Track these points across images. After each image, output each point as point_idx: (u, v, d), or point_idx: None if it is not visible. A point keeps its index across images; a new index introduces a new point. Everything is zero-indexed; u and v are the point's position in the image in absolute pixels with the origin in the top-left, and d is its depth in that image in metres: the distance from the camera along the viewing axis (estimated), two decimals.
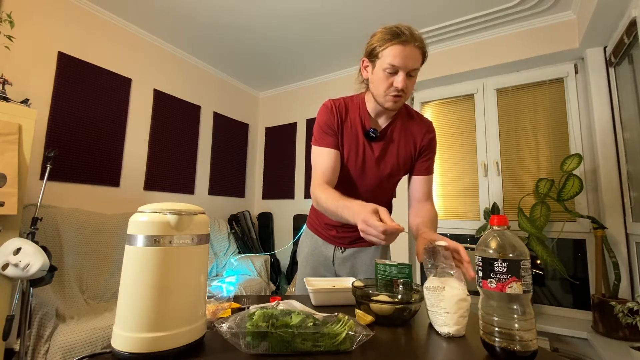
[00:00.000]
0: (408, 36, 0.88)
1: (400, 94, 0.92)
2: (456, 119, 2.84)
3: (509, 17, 2.36)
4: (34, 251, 1.38)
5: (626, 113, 2.01)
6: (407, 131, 1.05)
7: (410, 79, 0.93)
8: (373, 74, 0.96)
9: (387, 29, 0.91)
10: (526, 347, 0.57)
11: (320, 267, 1.20)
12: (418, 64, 0.91)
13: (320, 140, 1.02)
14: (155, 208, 0.61)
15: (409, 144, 1.05)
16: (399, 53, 0.88)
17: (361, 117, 1.03)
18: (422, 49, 0.91)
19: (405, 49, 0.88)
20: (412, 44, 0.89)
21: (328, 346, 0.60)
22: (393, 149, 1.04)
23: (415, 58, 0.90)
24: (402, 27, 0.89)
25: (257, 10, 2.42)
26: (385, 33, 0.90)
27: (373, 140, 1.02)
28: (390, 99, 0.94)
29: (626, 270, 1.91)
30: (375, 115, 1.04)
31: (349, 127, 1.03)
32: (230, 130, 3.61)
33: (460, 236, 2.67)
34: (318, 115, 1.05)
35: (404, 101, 0.98)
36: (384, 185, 1.09)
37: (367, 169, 1.04)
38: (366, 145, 1.03)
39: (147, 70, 2.79)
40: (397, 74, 0.90)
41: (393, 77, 0.91)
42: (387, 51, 0.90)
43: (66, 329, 1.55)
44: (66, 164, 2.21)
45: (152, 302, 0.57)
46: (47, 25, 2.17)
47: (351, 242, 1.17)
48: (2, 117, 1.53)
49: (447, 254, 0.78)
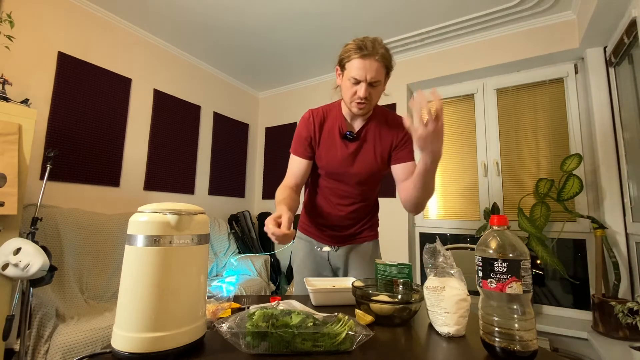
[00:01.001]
0: (370, 51, 0.97)
1: (363, 101, 1.02)
2: (456, 119, 2.84)
3: (509, 17, 2.36)
4: (34, 251, 1.38)
5: (626, 113, 2.01)
6: (383, 131, 1.14)
7: (374, 88, 1.02)
8: (342, 82, 1.07)
9: (354, 42, 1.00)
10: (526, 347, 0.57)
11: (318, 267, 1.26)
12: (379, 76, 1.00)
13: (294, 150, 1.18)
14: (155, 208, 0.61)
15: (385, 142, 1.13)
16: (360, 66, 0.98)
17: (338, 121, 1.14)
18: (384, 62, 1.00)
19: (365, 62, 0.98)
20: (373, 58, 0.98)
21: (328, 346, 0.60)
22: (369, 148, 1.13)
23: (376, 70, 0.99)
24: (367, 41, 0.98)
25: (257, 10, 2.42)
26: (352, 46, 1.00)
27: (350, 141, 1.13)
28: (355, 105, 1.04)
29: (626, 270, 1.91)
30: (351, 119, 1.15)
31: (327, 132, 1.15)
32: (230, 130, 3.61)
33: (460, 236, 2.67)
34: (297, 126, 1.18)
35: (370, 107, 1.08)
36: (368, 180, 1.17)
37: (347, 166, 1.14)
38: (344, 145, 1.13)
39: (147, 70, 2.79)
40: (359, 84, 1.00)
41: (356, 87, 1.01)
42: (350, 64, 1.01)
43: (66, 329, 1.55)
44: (66, 164, 2.21)
45: (152, 302, 0.57)
46: (47, 25, 2.17)
47: (344, 241, 1.24)
48: (2, 117, 1.53)
49: (448, 254, 0.78)
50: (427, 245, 0.81)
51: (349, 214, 1.20)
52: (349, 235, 1.24)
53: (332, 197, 1.20)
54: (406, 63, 2.96)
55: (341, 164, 1.14)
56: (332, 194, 1.20)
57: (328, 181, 1.19)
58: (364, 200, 1.21)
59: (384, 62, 1.00)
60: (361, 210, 1.22)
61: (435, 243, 0.80)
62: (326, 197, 1.21)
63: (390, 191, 2.80)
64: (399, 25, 2.57)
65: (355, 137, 1.12)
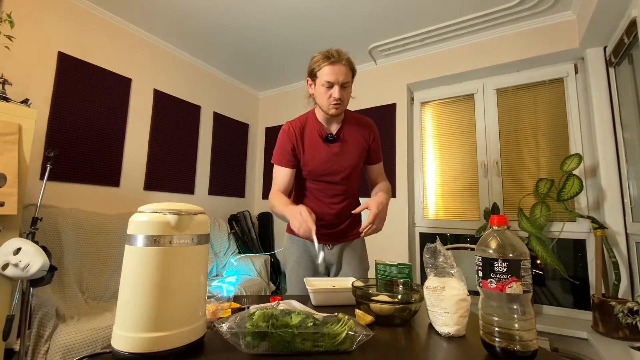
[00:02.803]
0: (337, 58, 1.14)
1: (338, 102, 1.16)
2: (456, 119, 2.84)
3: (509, 17, 2.36)
4: (34, 251, 1.38)
5: (626, 113, 2.01)
6: (356, 131, 1.29)
7: (345, 90, 1.17)
8: (316, 90, 1.21)
9: (321, 54, 1.17)
10: (526, 347, 0.57)
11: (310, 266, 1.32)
12: (348, 78, 1.17)
13: (278, 161, 1.28)
14: (155, 208, 0.61)
15: (361, 141, 1.29)
16: (331, 72, 1.14)
17: (317, 127, 1.27)
18: (349, 66, 1.18)
19: (334, 68, 1.14)
20: (340, 63, 1.15)
21: (328, 346, 0.60)
22: (350, 146, 1.28)
23: (345, 73, 1.15)
24: (332, 51, 1.16)
25: (258, 10, 2.42)
26: (319, 57, 1.17)
27: (331, 142, 1.26)
28: (332, 107, 1.18)
29: (626, 270, 1.91)
30: (326, 123, 1.28)
31: (308, 139, 1.26)
32: (230, 130, 3.61)
33: (460, 236, 2.67)
34: (278, 139, 1.29)
35: (344, 107, 1.22)
36: (352, 175, 1.30)
37: (333, 165, 1.26)
38: (327, 147, 1.26)
39: (147, 70, 2.78)
40: (333, 87, 1.15)
41: (330, 90, 1.16)
42: (321, 71, 1.16)
43: (66, 329, 1.55)
44: (66, 164, 2.21)
45: (152, 302, 0.57)
46: (47, 25, 2.16)
47: (337, 238, 1.33)
48: (2, 117, 1.53)
49: (448, 254, 0.78)
50: (427, 245, 0.81)
51: (340, 211, 1.30)
52: (341, 232, 1.33)
53: (324, 198, 1.30)
54: (406, 63, 2.96)
55: (328, 165, 1.26)
56: (324, 195, 1.30)
57: (316, 183, 1.29)
58: (349, 197, 1.33)
59: (349, 66, 1.18)
60: (348, 206, 1.32)
61: (436, 243, 0.80)
62: (317, 198, 1.31)
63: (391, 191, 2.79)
64: (399, 25, 2.57)
65: (335, 138, 1.26)
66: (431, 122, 2.98)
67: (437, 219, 2.82)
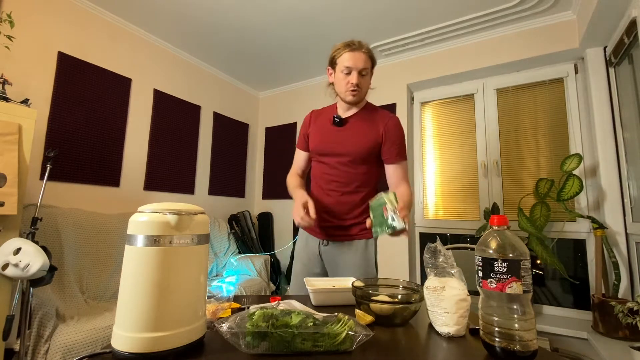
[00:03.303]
0: (357, 45, 1.18)
1: (356, 88, 1.19)
2: (456, 119, 2.84)
3: (509, 17, 2.36)
4: (34, 251, 1.38)
5: (626, 113, 2.01)
6: (370, 120, 1.26)
7: (364, 77, 1.20)
8: (335, 77, 1.24)
9: (343, 43, 1.20)
10: (526, 347, 0.57)
11: (309, 262, 1.31)
12: (367, 65, 1.19)
13: (297, 145, 1.41)
14: (155, 208, 0.61)
15: (371, 131, 1.24)
16: (351, 57, 1.17)
17: (332, 113, 1.31)
18: (369, 54, 1.20)
19: (354, 54, 1.17)
20: (360, 51, 1.17)
21: (328, 346, 0.60)
22: (355, 132, 1.25)
23: (364, 60, 1.18)
24: (354, 40, 1.20)
25: (258, 10, 2.42)
26: (341, 45, 1.20)
27: (338, 125, 1.27)
28: (350, 94, 1.20)
29: (626, 270, 1.91)
30: (343, 111, 1.30)
31: (321, 121, 1.33)
32: (230, 130, 3.61)
33: (460, 236, 2.67)
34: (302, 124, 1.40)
35: (362, 95, 1.24)
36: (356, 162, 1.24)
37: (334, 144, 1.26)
38: (333, 128, 1.28)
39: (147, 70, 2.78)
40: (351, 74, 1.18)
41: (349, 77, 1.18)
42: (341, 58, 1.19)
43: (66, 329, 1.55)
44: (66, 164, 2.21)
45: (152, 302, 0.57)
46: (47, 25, 2.16)
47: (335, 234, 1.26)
48: (2, 117, 1.53)
49: (449, 254, 0.78)
50: (427, 245, 0.81)
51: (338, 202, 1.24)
52: (340, 227, 1.25)
53: (323, 184, 1.28)
54: (406, 63, 2.96)
55: (329, 144, 1.27)
56: (323, 180, 1.28)
57: (319, 165, 1.31)
58: (353, 190, 1.24)
59: (369, 55, 1.20)
60: (351, 200, 1.24)
61: (436, 243, 0.80)
62: (318, 184, 1.30)
63: None
64: (399, 25, 2.57)
65: (341, 120, 1.27)
66: (431, 122, 2.98)
67: (437, 219, 2.82)
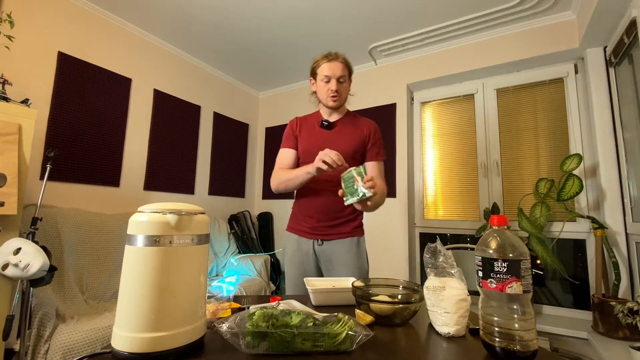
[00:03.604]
0: (333, 56, 1.32)
1: (335, 94, 1.32)
2: (456, 119, 2.84)
3: (509, 17, 2.36)
4: (34, 251, 1.38)
5: (626, 113, 2.01)
6: (354, 125, 1.40)
7: (342, 84, 1.33)
8: (317, 86, 1.37)
9: (321, 55, 1.34)
10: (526, 347, 0.57)
11: (303, 263, 1.35)
12: (344, 73, 1.32)
13: (282, 145, 1.43)
14: (155, 208, 0.61)
15: (357, 134, 1.37)
16: (329, 67, 1.31)
17: (318, 118, 1.42)
18: (345, 63, 1.33)
19: (332, 64, 1.31)
20: (337, 60, 1.31)
21: (328, 346, 0.60)
22: (343, 134, 1.37)
23: (341, 69, 1.31)
24: (330, 52, 1.34)
25: (258, 10, 2.42)
26: (319, 57, 1.35)
27: (326, 128, 1.38)
28: (331, 99, 1.33)
29: (626, 270, 1.91)
30: (327, 116, 1.42)
31: (308, 125, 1.42)
32: (230, 130, 3.61)
33: (460, 236, 2.67)
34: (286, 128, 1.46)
35: (342, 100, 1.36)
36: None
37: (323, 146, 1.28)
38: (321, 131, 1.39)
39: (147, 70, 2.78)
40: (330, 81, 1.31)
41: (328, 84, 1.31)
42: (321, 68, 1.33)
43: (66, 329, 1.55)
44: (66, 164, 2.21)
45: (152, 302, 0.57)
46: (47, 25, 2.16)
47: (328, 233, 1.32)
48: (2, 117, 1.53)
49: (449, 254, 0.78)
50: (427, 245, 0.81)
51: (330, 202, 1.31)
52: (333, 225, 1.33)
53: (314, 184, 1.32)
54: (406, 63, 2.96)
55: (320, 144, 1.31)
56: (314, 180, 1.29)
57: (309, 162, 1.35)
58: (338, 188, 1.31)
59: (345, 64, 1.33)
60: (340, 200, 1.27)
61: (436, 243, 0.80)
62: (309, 186, 1.33)
63: (390, 191, 2.79)
64: (399, 25, 2.57)
65: (330, 124, 1.38)
66: (431, 122, 2.98)
67: (437, 219, 2.82)
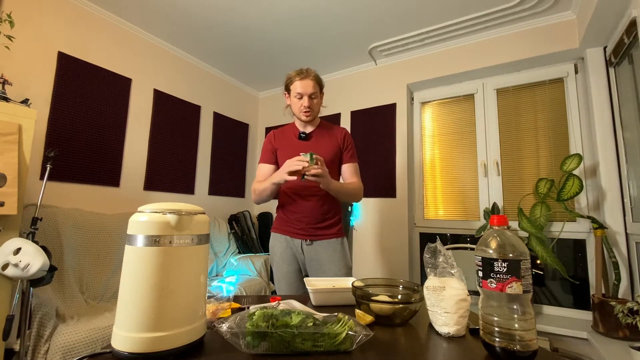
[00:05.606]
0: (305, 74, 1.40)
1: (308, 110, 1.41)
2: (456, 119, 2.84)
3: (509, 17, 2.36)
4: (34, 251, 1.38)
5: (626, 113, 2.00)
6: (329, 134, 1.50)
7: (313, 100, 1.41)
8: (291, 100, 1.47)
9: (294, 71, 1.42)
10: (526, 347, 0.57)
11: (292, 262, 1.43)
12: (315, 90, 1.41)
13: (262, 160, 1.51)
14: (155, 208, 0.61)
15: (332, 141, 1.48)
16: (300, 85, 1.39)
17: (294, 130, 1.51)
18: (316, 80, 1.42)
19: (304, 82, 1.39)
20: (308, 78, 1.39)
21: (328, 346, 0.60)
22: (321, 143, 1.47)
23: (312, 86, 1.39)
24: (303, 69, 1.42)
25: (258, 10, 2.42)
26: (292, 73, 1.43)
27: (304, 140, 1.47)
28: (304, 115, 1.42)
29: (626, 270, 1.91)
30: (302, 128, 1.51)
31: (286, 138, 1.50)
32: (230, 130, 3.61)
33: (460, 236, 2.67)
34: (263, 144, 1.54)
35: (314, 114, 1.45)
36: None
37: None
38: (300, 143, 1.46)
39: (147, 70, 2.78)
40: (303, 98, 1.39)
41: (301, 101, 1.40)
42: (294, 85, 1.41)
43: (66, 329, 1.55)
44: (66, 164, 2.21)
45: (152, 302, 0.57)
46: (47, 25, 2.16)
47: (316, 233, 1.41)
48: (2, 117, 1.53)
49: (449, 254, 0.78)
50: (427, 245, 0.81)
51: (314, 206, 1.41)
52: (320, 228, 1.42)
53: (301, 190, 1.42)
54: (406, 63, 2.96)
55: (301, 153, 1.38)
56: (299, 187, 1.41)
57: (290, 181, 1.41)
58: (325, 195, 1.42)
59: (317, 81, 1.42)
60: (327, 201, 1.43)
61: (436, 243, 0.80)
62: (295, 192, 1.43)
63: (390, 191, 2.80)
64: (399, 25, 2.57)
65: (307, 135, 1.47)
66: (431, 122, 2.98)
67: (437, 219, 2.82)
